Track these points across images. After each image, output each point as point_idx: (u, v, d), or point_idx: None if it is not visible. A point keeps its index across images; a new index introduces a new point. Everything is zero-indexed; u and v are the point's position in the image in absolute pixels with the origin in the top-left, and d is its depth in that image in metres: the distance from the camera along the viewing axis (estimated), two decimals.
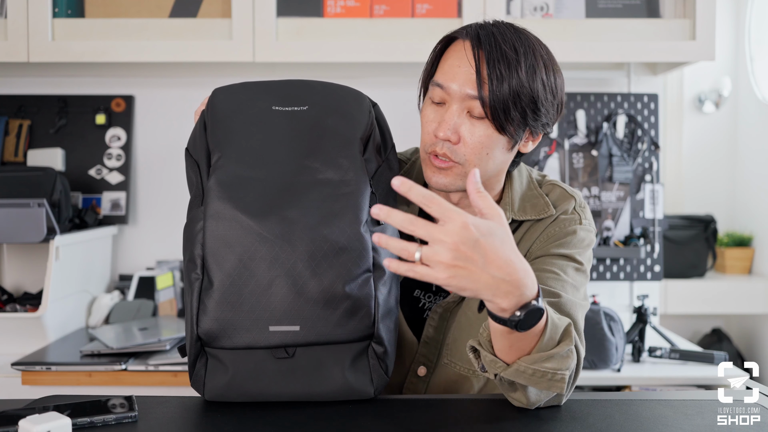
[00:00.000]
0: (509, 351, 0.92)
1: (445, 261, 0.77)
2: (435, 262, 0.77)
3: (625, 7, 2.09)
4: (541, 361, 0.91)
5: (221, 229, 0.94)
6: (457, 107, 1.05)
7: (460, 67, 1.05)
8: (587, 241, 1.13)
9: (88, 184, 2.22)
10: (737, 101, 2.88)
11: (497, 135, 1.05)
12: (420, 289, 1.18)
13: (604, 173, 2.26)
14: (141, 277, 2.16)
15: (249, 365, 0.95)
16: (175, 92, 2.29)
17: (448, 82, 1.05)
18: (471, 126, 1.04)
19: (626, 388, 1.91)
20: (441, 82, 1.06)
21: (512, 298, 0.83)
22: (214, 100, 1.05)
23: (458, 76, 1.04)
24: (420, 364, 1.15)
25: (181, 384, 1.70)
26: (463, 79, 1.04)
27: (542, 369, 0.91)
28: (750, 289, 2.60)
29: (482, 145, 1.05)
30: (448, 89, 1.05)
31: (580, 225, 1.13)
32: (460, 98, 1.04)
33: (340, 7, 2.04)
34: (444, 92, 1.06)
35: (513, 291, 0.82)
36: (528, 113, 1.04)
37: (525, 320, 0.85)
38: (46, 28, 1.99)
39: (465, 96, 1.04)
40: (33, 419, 0.83)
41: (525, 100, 1.03)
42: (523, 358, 0.91)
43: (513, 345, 0.91)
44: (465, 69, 1.04)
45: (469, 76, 1.03)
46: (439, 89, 1.06)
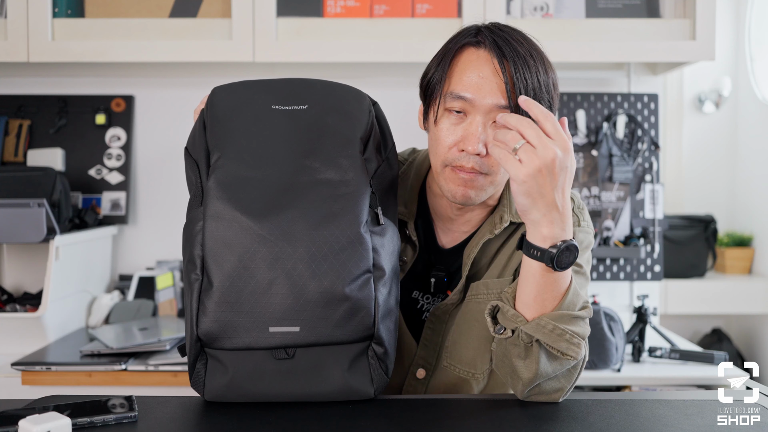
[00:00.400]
0: (533, 304, 0.96)
1: (536, 164, 0.89)
2: (529, 159, 0.89)
3: (625, 7, 2.09)
4: (562, 320, 0.95)
5: (221, 230, 0.93)
6: (482, 119, 1.03)
7: (483, 78, 1.03)
8: (586, 242, 1.13)
9: (88, 184, 2.22)
10: (737, 101, 2.88)
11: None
12: (418, 291, 1.18)
13: (604, 173, 2.26)
14: (141, 277, 2.16)
15: (249, 366, 0.95)
16: (175, 92, 2.29)
17: (474, 94, 1.03)
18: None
19: (626, 388, 1.91)
20: (463, 94, 1.03)
21: (555, 228, 0.93)
22: (213, 99, 1.05)
23: (483, 87, 1.02)
24: (419, 366, 1.15)
25: (181, 384, 1.70)
26: (489, 89, 1.02)
27: (562, 327, 0.95)
28: (750, 289, 2.60)
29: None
30: (472, 101, 1.03)
31: (578, 227, 1.13)
32: (487, 110, 1.03)
33: (340, 7, 2.04)
34: (467, 104, 1.04)
35: (558, 222, 0.93)
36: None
37: (562, 255, 0.92)
38: (46, 28, 1.99)
39: (493, 107, 1.02)
40: (33, 419, 0.83)
41: (544, 99, 1.05)
42: (547, 314, 0.96)
43: (538, 296, 0.96)
44: (489, 79, 1.02)
45: (497, 86, 1.02)
46: (461, 101, 1.04)
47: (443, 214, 1.17)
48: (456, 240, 1.17)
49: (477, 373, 1.13)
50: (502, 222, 1.12)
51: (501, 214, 1.13)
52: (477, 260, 1.13)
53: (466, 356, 1.12)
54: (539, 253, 0.94)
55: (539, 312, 0.96)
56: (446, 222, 1.17)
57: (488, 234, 1.12)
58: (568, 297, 0.97)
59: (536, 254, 0.94)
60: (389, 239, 1.01)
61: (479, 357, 1.12)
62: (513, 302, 1.00)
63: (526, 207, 0.93)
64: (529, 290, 0.96)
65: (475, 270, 1.13)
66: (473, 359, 1.12)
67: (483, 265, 1.14)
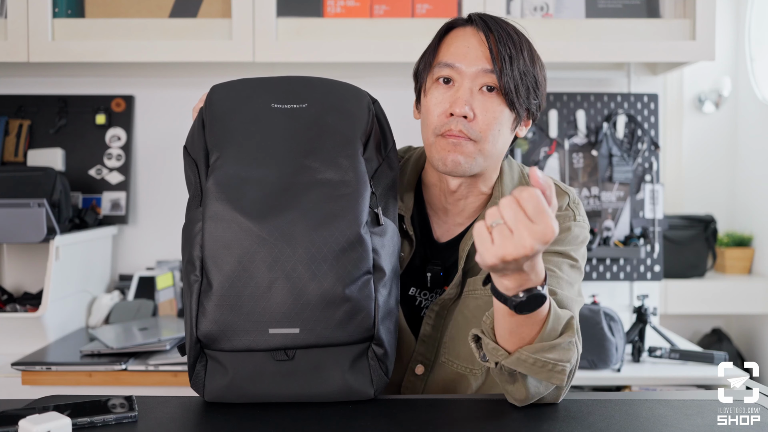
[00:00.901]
0: (510, 338, 0.92)
1: (508, 252, 0.78)
2: (502, 244, 0.78)
3: (625, 7, 2.09)
4: (543, 351, 0.91)
5: (220, 231, 0.93)
6: (469, 84, 1.07)
7: (469, 47, 1.08)
8: (581, 237, 1.13)
9: (88, 184, 2.22)
10: (737, 101, 2.88)
11: (507, 111, 1.08)
12: (415, 287, 1.18)
13: (604, 173, 2.26)
14: (141, 277, 2.16)
15: (249, 367, 0.95)
16: (175, 92, 2.29)
17: (459, 61, 1.07)
18: (484, 102, 1.07)
19: (626, 388, 1.91)
20: (451, 62, 1.08)
21: (521, 280, 0.84)
22: (212, 97, 1.04)
23: (469, 54, 1.07)
24: (417, 362, 1.15)
25: (181, 384, 1.70)
26: (475, 56, 1.07)
27: (543, 359, 0.91)
28: (750, 289, 2.60)
29: (495, 120, 1.07)
30: (458, 68, 1.07)
31: (574, 222, 1.13)
32: (473, 75, 1.07)
33: (340, 7, 2.04)
34: (454, 71, 1.08)
35: (524, 276, 0.83)
36: (531, 92, 1.09)
37: (524, 305, 0.85)
38: (46, 28, 1.99)
39: (478, 72, 1.06)
40: (33, 419, 0.83)
41: (529, 79, 1.08)
42: (525, 347, 0.92)
43: (514, 331, 0.91)
44: (475, 48, 1.07)
45: (482, 53, 1.07)
46: (448, 68, 1.08)
47: (438, 204, 1.17)
48: (452, 233, 1.18)
49: (475, 368, 1.13)
50: None
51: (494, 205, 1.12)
52: (472, 254, 1.13)
53: (464, 352, 1.12)
54: (503, 299, 0.87)
55: (518, 344, 0.92)
56: (441, 214, 1.18)
57: None
58: (549, 325, 0.91)
59: (501, 298, 0.88)
60: (389, 239, 1.01)
61: None
62: (493, 333, 0.95)
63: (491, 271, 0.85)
64: (504, 326, 0.92)
65: (470, 264, 1.13)
66: (471, 355, 1.12)
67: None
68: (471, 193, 1.15)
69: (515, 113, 1.09)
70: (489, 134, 1.07)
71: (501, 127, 1.08)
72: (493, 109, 1.07)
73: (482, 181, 1.14)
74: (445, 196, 1.15)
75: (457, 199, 1.15)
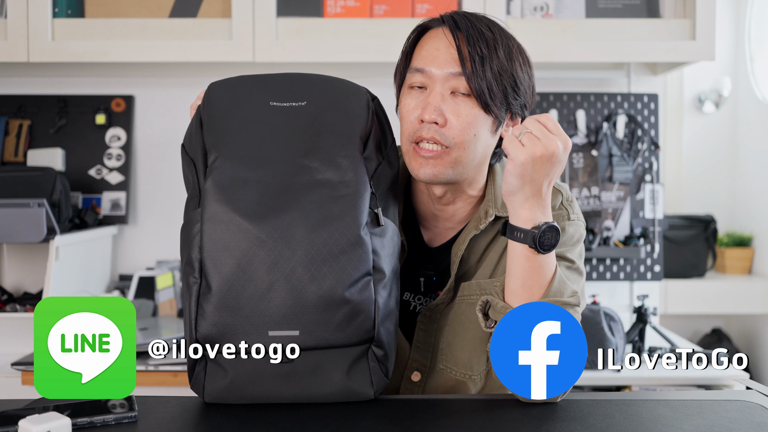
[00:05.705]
0: (520, 292, 0.98)
1: (538, 150, 0.95)
2: (532, 144, 0.95)
3: (625, 7, 2.09)
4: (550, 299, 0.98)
5: (219, 233, 0.92)
6: (440, 89, 1.04)
7: (439, 50, 1.05)
8: (577, 236, 1.12)
9: (88, 184, 2.22)
10: (737, 101, 2.88)
11: (483, 114, 1.05)
12: (409, 292, 1.16)
13: (604, 173, 2.26)
14: (141, 277, 2.15)
15: (248, 369, 0.94)
16: (175, 92, 2.29)
17: (429, 65, 1.05)
18: (456, 106, 1.04)
19: (626, 388, 1.91)
20: (421, 66, 1.06)
21: (536, 212, 0.97)
22: (210, 95, 1.03)
23: (438, 57, 1.05)
24: (413, 369, 1.13)
25: (181, 384, 1.70)
26: (444, 59, 1.04)
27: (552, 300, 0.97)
28: (750, 289, 2.60)
29: (469, 125, 1.04)
30: (428, 72, 1.05)
31: (568, 221, 1.11)
32: (443, 79, 1.04)
33: (340, 7, 2.04)
34: (424, 76, 1.06)
35: (539, 207, 0.98)
36: (509, 92, 1.05)
37: (545, 236, 0.96)
38: (46, 28, 1.99)
39: (448, 76, 1.04)
40: (33, 419, 0.83)
41: (506, 78, 1.04)
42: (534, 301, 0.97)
43: (525, 283, 0.98)
44: (445, 50, 1.05)
45: (450, 56, 1.04)
46: (419, 74, 1.06)
47: (427, 210, 1.15)
48: (443, 238, 1.16)
49: (474, 374, 1.11)
50: (488, 217, 1.10)
51: (486, 208, 1.11)
52: (465, 258, 1.12)
53: (462, 358, 1.11)
54: (522, 235, 0.97)
55: (527, 300, 0.99)
56: (431, 220, 1.16)
57: (474, 230, 1.10)
58: (554, 284, 0.99)
59: (519, 236, 0.98)
60: (389, 240, 1.00)
61: (475, 358, 1.11)
62: (502, 295, 1.02)
63: (513, 188, 0.97)
64: (516, 278, 0.99)
65: (464, 269, 1.12)
66: (469, 361, 1.11)
67: (472, 264, 1.12)
68: (458, 198, 1.12)
69: (492, 116, 1.05)
70: (464, 139, 1.04)
71: (477, 131, 1.05)
72: (466, 113, 1.04)
73: (468, 186, 1.11)
74: (433, 203, 1.13)
75: (444, 204, 1.13)
